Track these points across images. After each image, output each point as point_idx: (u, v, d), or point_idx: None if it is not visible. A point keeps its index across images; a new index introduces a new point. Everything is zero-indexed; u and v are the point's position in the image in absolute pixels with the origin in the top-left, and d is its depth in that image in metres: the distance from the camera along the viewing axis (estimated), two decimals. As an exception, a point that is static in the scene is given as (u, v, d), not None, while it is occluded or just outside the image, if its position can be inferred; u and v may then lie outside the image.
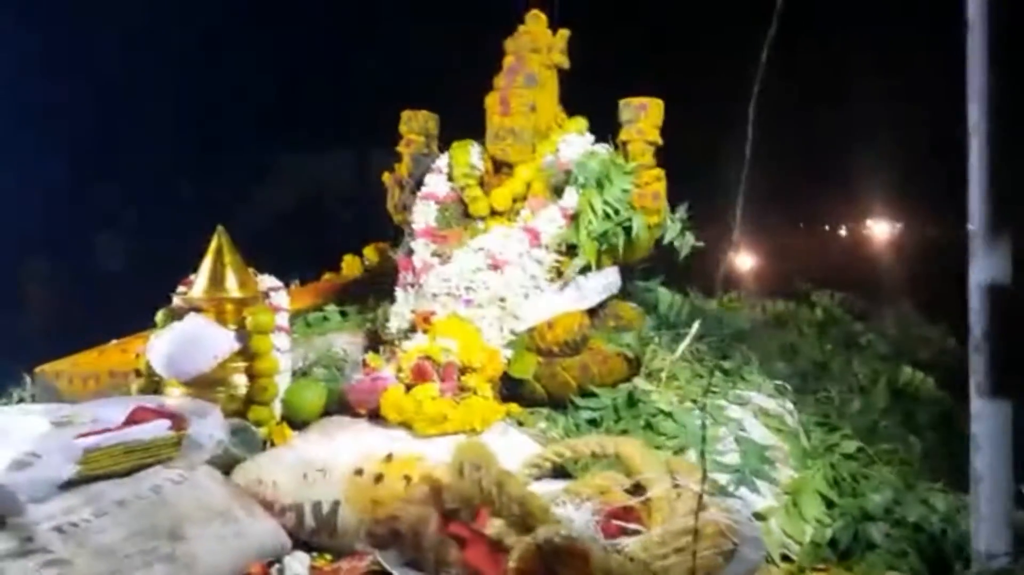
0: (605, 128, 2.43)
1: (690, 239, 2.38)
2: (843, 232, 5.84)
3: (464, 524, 1.34)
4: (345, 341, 2.44)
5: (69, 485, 1.61)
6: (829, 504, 1.81)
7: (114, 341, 2.53)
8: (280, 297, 2.14)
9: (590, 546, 1.23)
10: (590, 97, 2.57)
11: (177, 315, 2.05)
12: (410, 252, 2.34)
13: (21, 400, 2.50)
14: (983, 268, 0.85)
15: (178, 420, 1.78)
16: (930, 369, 2.62)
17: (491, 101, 2.37)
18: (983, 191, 0.85)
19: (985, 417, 0.88)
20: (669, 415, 1.97)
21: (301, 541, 1.78)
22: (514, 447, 1.83)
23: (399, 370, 1.98)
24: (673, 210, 2.39)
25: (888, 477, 1.96)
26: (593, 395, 2.08)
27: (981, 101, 0.86)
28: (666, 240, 2.33)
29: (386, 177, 2.56)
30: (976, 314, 0.86)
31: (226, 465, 1.86)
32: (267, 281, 2.15)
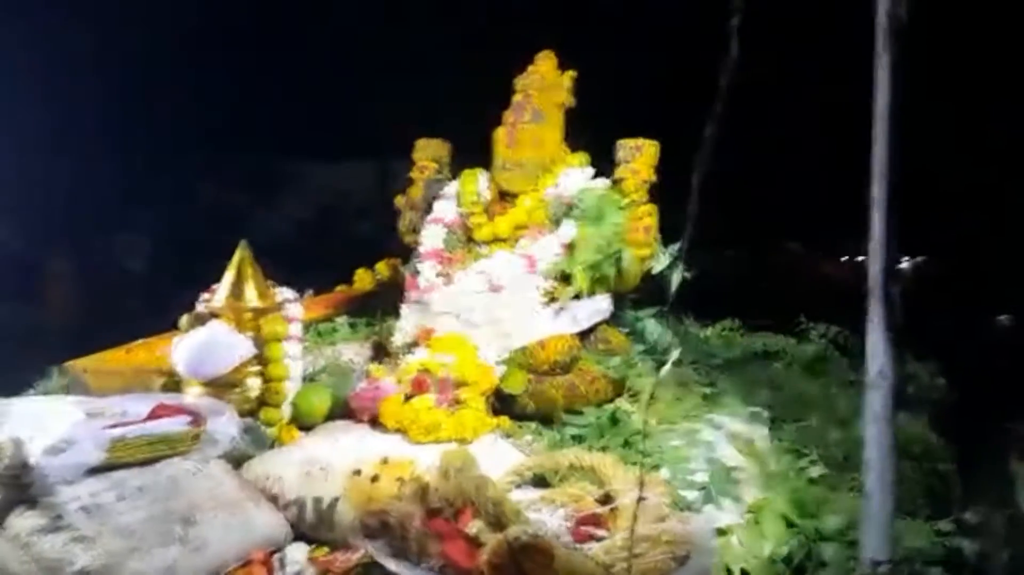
0: (605, 164, 2.60)
1: (679, 273, 2.52)
2: (844, 266, 5.95)
3: (445, 521, 1.50)
4: (353, 351, 2.60)
5: (96, 470, 1.77)
6: (789, 524, 1.94)
7: (140, 340, 2.69)
8: (294, 308, 2.31)
9: (554, 544, 1.38)
10: (594, 134, 2.74)
11: (200, 321, 2.22)
12: (417, 272, 2.50)
13: (46, 392, 2.68)
14: (881, 315, 0.99)
15: (196, 417, 1.95)
16: (916, 406, 2.74)
17: (499, 134, 2.54)
18: (881, 239, 0.99)
19: (875, 443, 1.02)
20: (647, 435, 2.12)
21: (302, 533, 1.91)
22: (501, 457, 1.98)
23: (399, 381, 2.14)
24: (667, 244, 2.54)
25: (849, 502, 2.09)
26: (579, 413, 2.24)
27: (882, 170, 1.00)
28: (655, 271, 2.48)
29: (399, 200, 2.72)
30: (875, 353, 1.00)
31: (237, 460, 2.01)
32: (283, 293, 2.32)
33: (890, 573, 1.00)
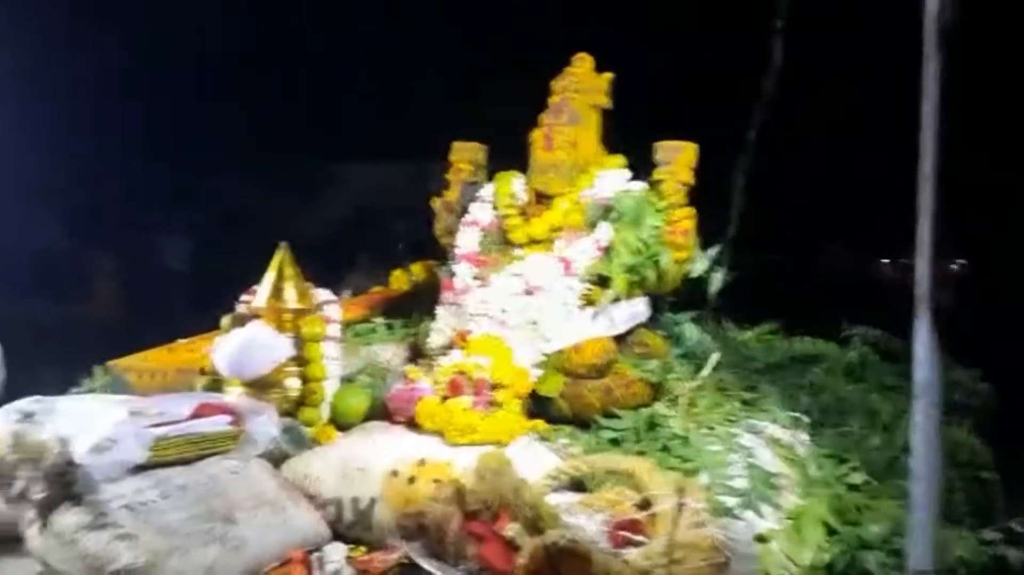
0: (644, 166, 2.58)
1: (719, 276, 2.50)
2: (886, 269, 5.83)
3: (483, 523, 1.50)
4: (390, 352, 2.62)
5: (139, 469, 1.80)
6: (830, 531, 1.91)
7: (181, 340, 2.74)
8: (332, 310, 2.33)
9: (592, 549, 1.37)
10: (630, 136, 2.72)
11: (240, 322, 2.25)
12: (453, 274, 2.51)
13: (91, 390, 2.73)
14: (927, 328, 0.97)
15: (237, 417, 1.97)
16: (959, 412, 2.69)
17: (536, 136, 2.54)
18: (927, 232, 0.97)
19: (922, 452, 1.00)
20: (685, 440, 2.10)
21: (339, 533, 1.93)
22: (536, 460, 1.98)
23: (436, 382, 2.15)
24: (706, 248, 2.52)
25: (892, 510, 2.06)
26: (615, 417, 2.22)
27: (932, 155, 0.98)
28: (693, 275, 2.46)
29: (435, 202, 2.73)
30: (920, 364, 0.98)
31: (276, 460, 2.04)
32: (322, 295, 2.35)
33: (933, 580, 0.98)
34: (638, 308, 2.42)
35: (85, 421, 1.84)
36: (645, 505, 1.70)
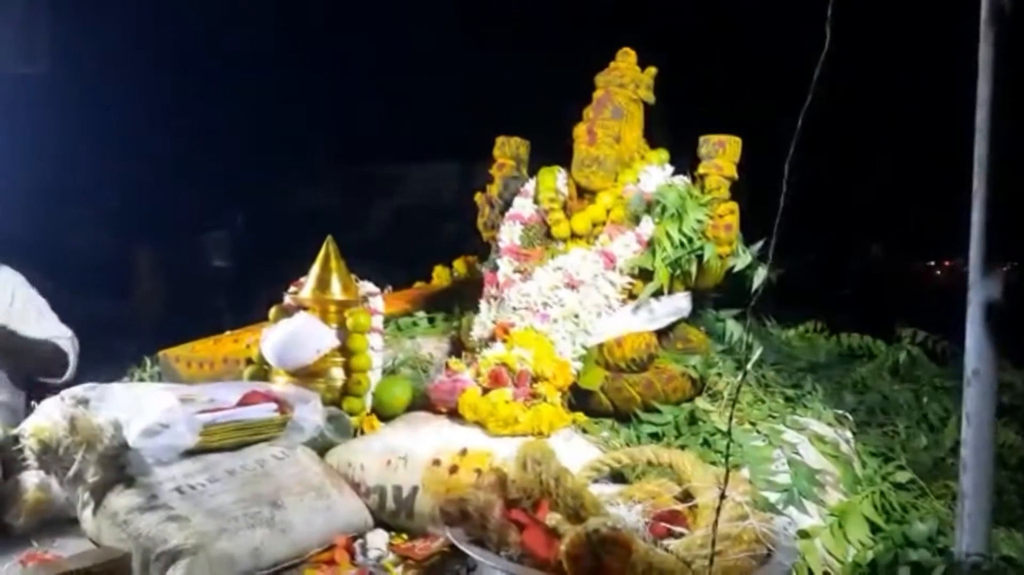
0: (686, 161, 2.58)
1: (762, 271, 2.48)
2: (939, 272, 5.71)
3: (524, 511, 1.51)
4: (432, 345, 2.64)
5: (189, 453, 1.86)
6: (874, 529, 1.89)
7: (228, 332, 2.80)
8: (377, 302, 2.36)
9: (634, 538, 1.38)
10: (673, 131, 2.72)
11: (287, 312, 2.29)
12: (495, 268, 2.52)
13: (141, 379, 2.81)
14: (978, 309, 0.96)
15: (283, 405, 2.01)
16: (1010, 414, 2.64)
17: (579, 131, 2.54)
18: (980, 227, 0.96)
19: (974, 444, 0.99)
20: (727, 435, 2.09)
21: (382, 520, 1.96)
22: (577, 451, 1.98)
23: (477, 374, 2.16)
24: (749, 243, 2.50)
25: (938, 509, 2.03)
26: (656, 411, 2.22)
27: (985, 137, 0.96)
28: (736, 270, 2.44)
29: (478, 197, 2.75)
30: (971, 350, 0.97)
31: (321, 448, 2.07)
32: (366, 287, 2.38)
33: (983, 566, 0.96)
34: (680, 303, 2.41)
35: (137, 406, 1.89)
36: (686, 497, 1.69)
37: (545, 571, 1.40)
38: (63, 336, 2.98)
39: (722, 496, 1.44)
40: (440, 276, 3.37)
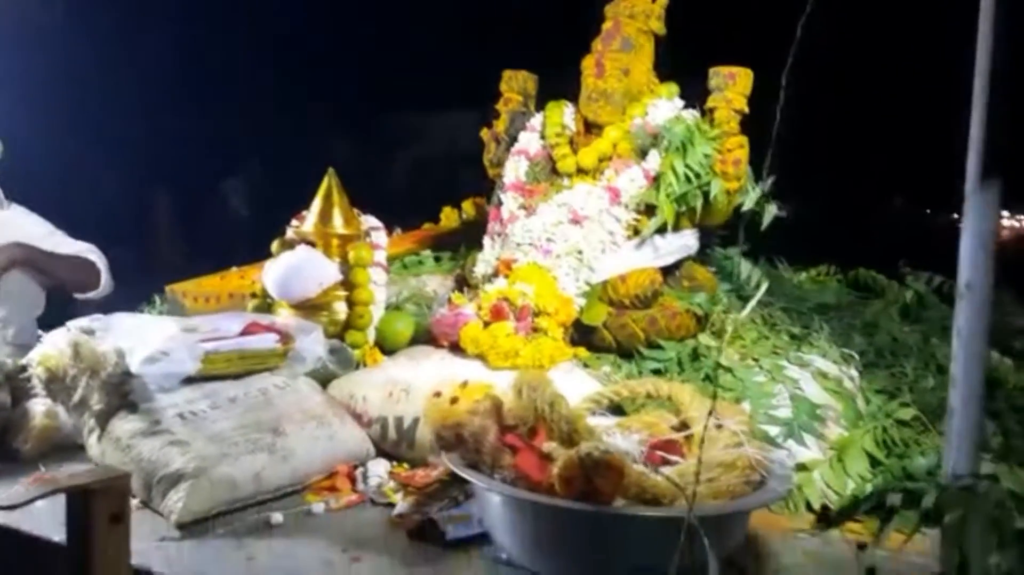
0: (697, 94, 2.51)
1: (772, 208, 2.43)
2: (952, 216, 5.64)
3: (519, 436, 1.51)
4: (437, 283, 2.65)
5: (191, 380, 1.88)
6: (875, 463, 1.88)
7: (234, 268, 2.81)
8: (379, 236, 2.36)
9: (626, 462, 1.38)
10: (684, 63, 2.65)
11: (289, 246, 2.29)
12: (499, 204, 2.50)
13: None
14: (973, 221, 0.94)
15: (285, 336, 2.02)
16: (1022, 359, 2.60)
17: (587, 63, 2.49)
18: (977, 149, 0.93)
19: (964, 359, 0.97)
20: (729, 370, 2.08)
21: (384, 451, 1.99)
22: (577, 384, 1.98)
23: (479, 308, 2.16)
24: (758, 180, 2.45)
25: (941, 445, 2.01)
26: (659, 347, 2.21)
27: (984, 73, 0.93)
28: (745, 207, 2.39)
29: (484, 133, 2.71)
30: (964, 263, 0.95)
31: (324, 380, 2.10)
32: (369, 221, 2.37)
33: (971, 486, 0.95)
34: (687, 240, 2.38)
35: (140, 335, 1.91)
36: (683, 427, 1.69)
37: (538, 494, 1.41)
38: (91, 250, 3.00)
39: (707, 425, 1.43)
40: (449, 217, 3.36)
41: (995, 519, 0.90)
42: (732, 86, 2.36)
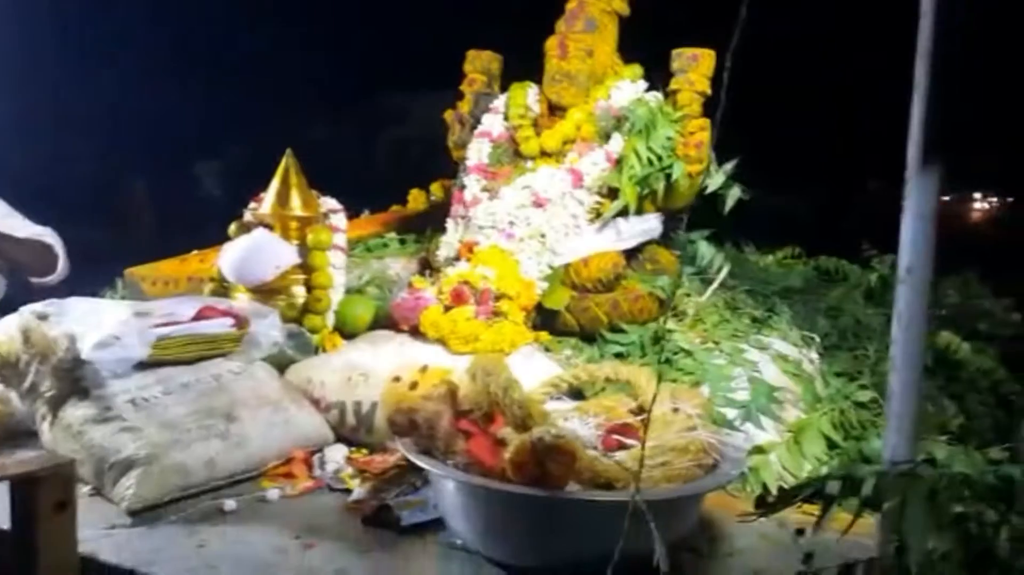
0: (661, 76, 2.50)
1: (736, 191, 2.43)
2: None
3: (473, 421, 1.50)
4: (400, 266, 2.62)
5: (143, 366, 1.84)
6: (832, 445, 1.89)
7: (195, 251, 2.77)
8: (339, 218, 2.33)
9: (578, 446, 1.37)
10: (648, 44, 2.63)
11: (247, 228, 2.26)
12: (463, 187, 2.48)
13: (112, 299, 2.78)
14: (915, 204, 0.93)
15: (241, 320, 1.99)
16: (987, 341, 2.62)
17: (550, 44, 2.46)
18: (919, 132, 0.93)
19: (903, 344, 0.97)
20: (689, 353, 2.08)
21: (342, 437, 1.97)
22: (537, 369, 1.97)
23: (440, 292, 2.14)
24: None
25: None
26: (622, 331, 2.21)
27: (924, 56, 0.93)
28: (708, 190, 2.38)
29: (448, 114, 2.69)
30: (905, 247, 0.94)
31: (281, 365, 2.07)
32: (328, 203, 2.34)
33: (909, 471, 0.96)
34: (650, 223, 2.37)
35: (91, 319, 1.87)
36: (641, 411, 1.69)
37: (491, 479, 1.40)
38: (46, 233, 2.94)
39: (648, 411, 1.43)
40: (416, 199, 3.33)
41: (933, 504, 0.90)
42: (695, 68, 2.35)
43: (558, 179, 2.32)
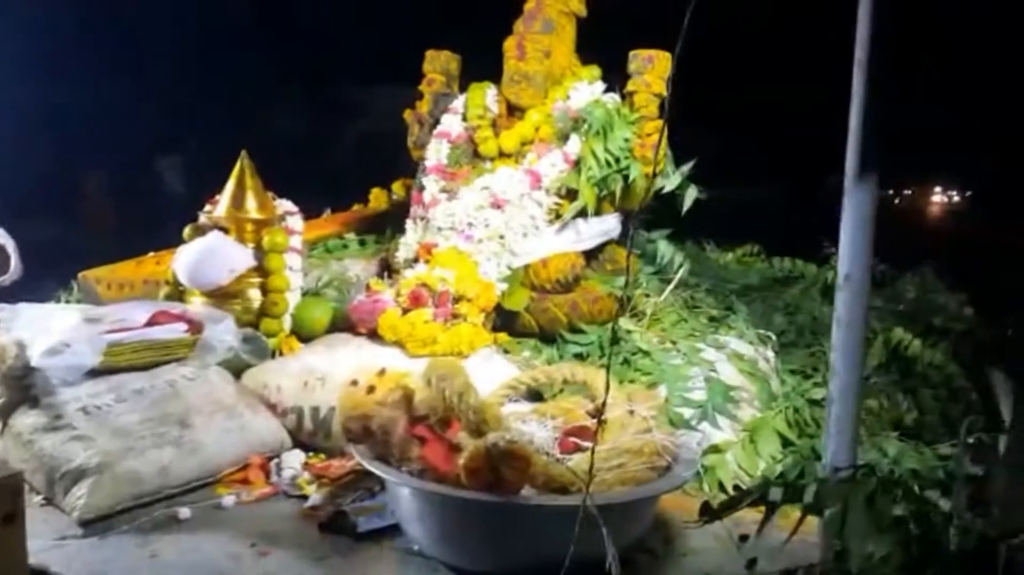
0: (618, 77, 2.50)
1: (693, 191, 2.45)
2: (887, 193, 5.77)
3: (428, 427, 1.50)
4: (359, 267, 2.60)
5: (95, 373, 1.82)
6: (786, 443, 1.92)
7: (151, 254, 2.72)
8: (295, 221, 2.30)
9: (531, 452, 1.37)
10: (607, 46, 2.63)
11: (201, 231, 2.23)
12: (422, 188, 2.47)
13: (67, 302, 2.73)
14: (852, 213, 0.95)
15: (195, 325, 1.97)
16: (942, 336, 2.67)
17: (508, 45, 2.46)
18: (856, 141, 0.94)
19: (842, 349, 0.99)
20: (647, 353, 2.10)
21: (300, 441, 1.95)
22: (496, 371, 1.98)
23: (398, 295, 2.13)
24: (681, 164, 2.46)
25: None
26: (581, 331, 2.22)
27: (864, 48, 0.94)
28: (666, 190, 2.40)
29: (407, 114, 2.67)
30: (843, 255, 0.96)
31: (237, 370, 2.04)
32: (284, 205, 2.31)
33: (850, 478, 0.97)
34: (608, 224, 2.38)
35: (42, 326, 1.84)
36: (597, 413, 1.69)
37: (446, 485, 1.40)
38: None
39: (600, 415, 1.43)
40: (378, 198, 3.30)
41: (873, 509, 0.92)
42: (651, 69, 2.36)
43: (517, 180, 2.32)
